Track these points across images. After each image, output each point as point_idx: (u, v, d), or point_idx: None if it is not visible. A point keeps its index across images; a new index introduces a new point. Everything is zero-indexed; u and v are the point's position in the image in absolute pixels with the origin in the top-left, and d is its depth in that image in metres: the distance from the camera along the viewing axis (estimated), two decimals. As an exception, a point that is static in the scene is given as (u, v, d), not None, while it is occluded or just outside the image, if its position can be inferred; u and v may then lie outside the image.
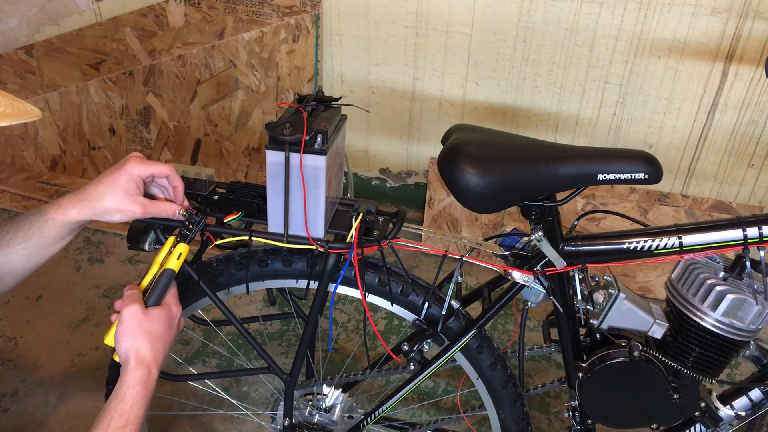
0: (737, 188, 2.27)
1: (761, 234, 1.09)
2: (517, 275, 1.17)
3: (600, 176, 1.07)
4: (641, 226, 1.18)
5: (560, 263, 1.15)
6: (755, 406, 1.26)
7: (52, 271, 2.27)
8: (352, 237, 1.11)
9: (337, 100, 1.14)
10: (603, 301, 1.19)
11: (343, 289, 1.22)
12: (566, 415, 1.36)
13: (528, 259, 1.20)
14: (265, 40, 2.36)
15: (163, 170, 1.05)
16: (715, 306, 1.14)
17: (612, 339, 1.25)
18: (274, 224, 1.10)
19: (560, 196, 1.14)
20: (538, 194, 1.12)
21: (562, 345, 1.27)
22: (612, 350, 1.24)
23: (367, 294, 1.21)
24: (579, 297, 1.20)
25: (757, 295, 1.12)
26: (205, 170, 1.14)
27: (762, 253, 1.09)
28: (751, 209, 2.24)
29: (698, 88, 2.11)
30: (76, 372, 1.90)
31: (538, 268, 1.17)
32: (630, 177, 1.07)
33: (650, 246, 1.13)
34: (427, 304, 1.21)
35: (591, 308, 1.21)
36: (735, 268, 1.15)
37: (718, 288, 1.13)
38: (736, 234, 1.10)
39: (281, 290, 1.34)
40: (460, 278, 1.25)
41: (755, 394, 1.25)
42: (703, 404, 1.25)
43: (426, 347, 1.22)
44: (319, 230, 1.09)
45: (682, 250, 1.12)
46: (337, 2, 2.29)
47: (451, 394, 1.90)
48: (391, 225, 1.16)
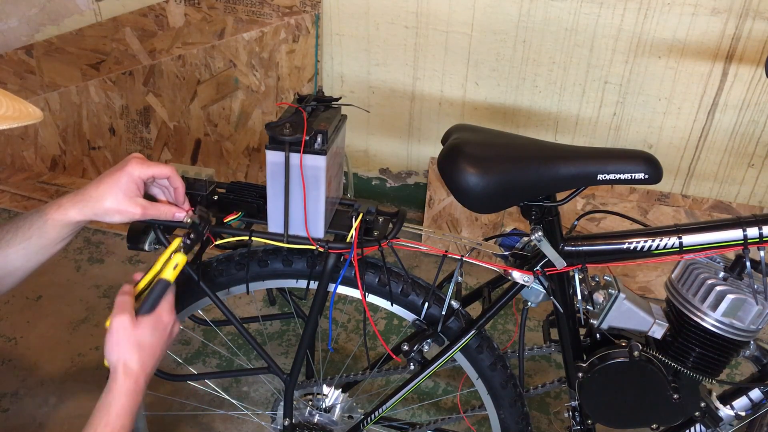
0: (737, 188, 2.27)
1: (761, 234, 1.09)
2: (517, 275, 1.17)
3: (600, 176, 1.07)
4: (641, 226, 1.18)
5: (560, 263, 1.15)
6: (755, 406, 1.26)
7: (52, 271, 2.27)
8: (352, 237, 1.11)
9: (337, 100, 1.14)
10: (603, 301, 1.19)
11: (343, 289, 1.22)
12: (566, 415, 1.36)
13: (528, 259, 1.20)
14: (265, 40, 2.36)
15: (164, 171, 1.05)
16: (715, 306, 1.14)
17: (612, 339, 1.25)
18: (274, 224, 1.10)
19: (560, 196, 1.14)
20: (538, 194, 1.12)
21: (562, 345, 1.27)
22: (612, 350, 1.23)
23: (367, 294, 1.21)
24: (579, 297, 1.20)
25: (757, 295, 1.12)
26: (205, 170, 1.14)
27: (762, 253, 1.09)
28: (751, 209, 2.24)
29: (698, 88, 2.11)
30: (76, 372, 1.90)
31: (538, 268, 1.17)
32: (630, 177, 1.07)
33: (650, 246, 1.13)
34: (427, 304, 1.21)
35: (591, 308, 1.21)
36: (735, 268, 1.15)
37: (718, 288, 1.13)
38: (736, 234, 1.10)
39: (281, 290, 1.34)
40: (460, 278, 1.25)
41: (755, 394, 1.25)
42: (703, 404, 1.25)
43: (426, 347, 1.22)
44: (319, 230, 1.09)
45: (682, 250, 1.12)
46: (337, 2, 2.29)
47: (451, 394, 1.90)
48: (391, 225, 1.16)
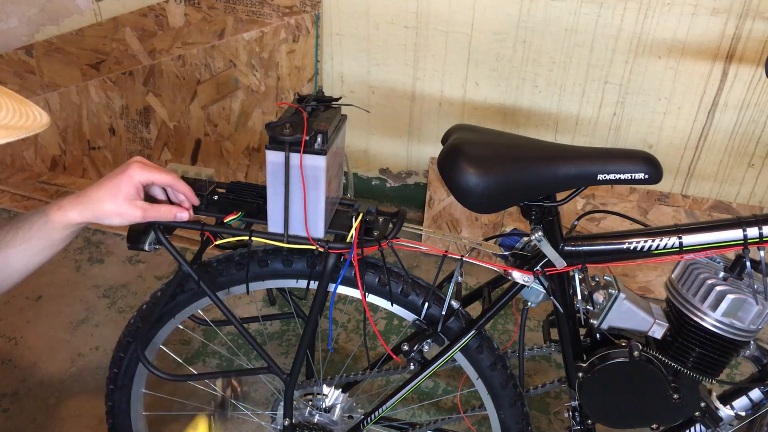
0: (737, 188, 2.27)
1: (761, 234, 1.09)
2: (517, 275, 1.17)
3: (600, 176, 1.07)
4: (641, 226, 1.18)
5: (560, 263, 1.15)
6: (755, 406, 1.26)
7: (52, 271, 2.27)
8: (352, 237, 1.11)
9: (337, 100, 1.14)
10: (603, 301, 1.19)
11: (343, 289, 1.22)
12: (566, 415, 1.36)
13: (528, 259, 1.20)
14: (265, 40, 2.36)
15: (164, 180, 1.05)
16: (715, 306, 1.14)
17: (612, 339, 1.25)
18: (274, 224, 1.10)
19: (560, 196, 1.14)
20: (538, 194, 1.12)
21: (562, 345, 1.27)
22: (612, 350, 1.23)
23: (367, 294, 1.21)
24: (579, 297, 1.20)
25: (757, 295, 1.12)
26: (205, 170, 1.14)
27: (762, 253, 1.09)
28: (751, 209, 2.24)
29: (698, 88, 2.11)
30: (76, 372, 1.90)
31: (538, 268, 1.17)
32: (630, 177, 1.07)
33: (650, 246, 1.13)
34: (427, 304, 1.21)
35: (591, 308, 1.21)
36: (735, 268, 1.15)
37: (718, 288, 1.13)
38: (736, 234, 1.10)
39: (281, 290, 1.34)
40: (460, 278, 1.25)
41: (755, 394, 1.25)
42: (703, 404, 1.25)
43: (426, 347, 1.22)
44: (319, 230, 1.09)
45: (682, 250, 1.12)
46: (337, 2, 2.28)
47: (451, 394, 1.89)
48: (391, 225, 1.16)
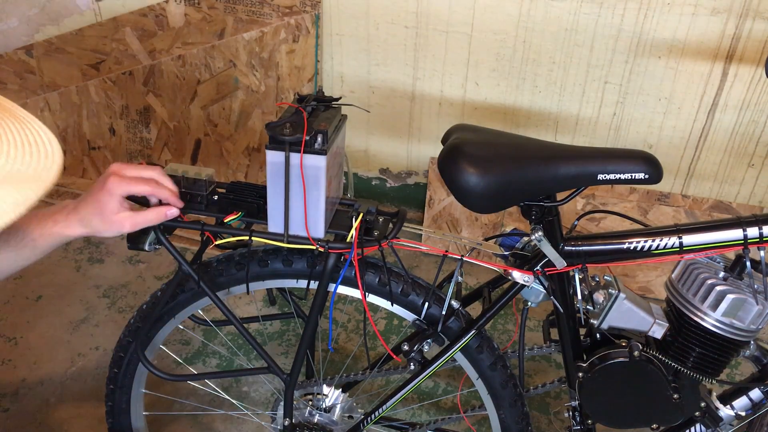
0: (737, 188, 2.27)
1: (761, 234, 1.09)
2: (517, 275, 1.17)
3: (600, 176, 1.07)
4: (641, 226, 1.18)
5: (560, 263, 1.15)
6: (755, 406, 1.26)
7: (52, 271, 2.27)
8: (352, 237, 1.11)
9: (337, 100, 1.14)
10: (603, 301, 1.19)
11: (343, 289, 1.22)
12: (566, 415, 1.36)
13: (528, 259, 1.20)
14: (265, 40, 2.36)
15: (142, 189, 1.03)
16: (715, 306, 1.14)
17: (612, 339, 1.25)
18: (274, 224, 1.10)
19: (560, 196, 1.14)
20: (538, 194, 1.12)
21: (562, 345, 1.27)
22: (612, 350, 1.23)
23: (367, 294, 1.21)
24: (579, 297, 1.20)
25: (757, 295, 1.12)
26: (205, 170, 1.14)
27: (762, 253, 1.09)
28: (751, 209, 2.24)
29: (698, 88, 2.11)
30: (76, 372, 1.90)
31: (538, 268, 1.17)
32: (630, 177, 1.07)
33: (650, 246, 1.13)
34: (427, 304, 1.21)
35: (591, 308, 1.21)
36: (735, 268, 1.15)
37: (718, 288, 1.13)
38: (736, 234, 1.10)
39: (281, 290, 1.34)
40: (460, 278, 1.25)
41: (755, 394, 1.25)
42: (703, 404, 1.25)
43: (426, 347, 1.22)
44: (319, 230, 1.09)
45: (682, 250, 1.12)
46: (337, 2, 2.28)
47: (451, 394, 1.89)
48: (391, 225, 1.16)
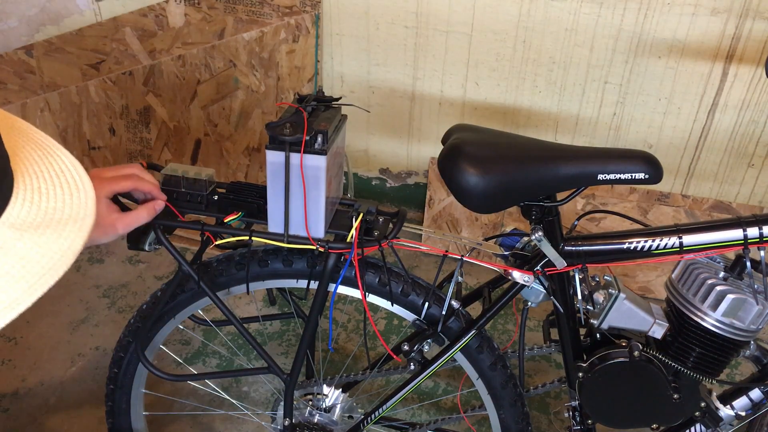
0: (737, 188, 2.27)
1: (761, 234, 1.09)
2: (518, 275, 1.17)
3: (600, 176, 1.07)
4: (641, 226, 1.18)
5: (560, 263, 1.15)
6: (755, 406, 1.26)
7: (52, 271, 2.27)
8: (352, 237, 1.11)
9: (338, 100, 1.14)
10: (603, 301, 1.19)
11: (343, 289, 1.22)
12: (566, 415, 1.36)
13: (528, 259, 1.20)
14: (265, 40, 2.36)
15: (125, 185, 1.03)
16: (715, 306, 1.14)
17: (612, 339, 1.25)
18: (274, 224, 1.10)
19: (560, 196, 1.14)
20: (538, 194, 1.12)
21: (562, 345, 1.27)
22: (612, 350, 1.24)
23: (367, 294, 1.21)
24: (579, 297, 1.20)
25: (757, 295, 1.12)
26: (205, 170, 1.14)
27: (762, 253, 1.09)
28: (751, 209, 2.24)
29: (698, 88, 2.11)
30: (76, 372, 1.90)
31: (538, 268, 1.17)
32: (630, 177, 1.07)
33: (650, 246, 1.13)
34: (427, 304, 1.21)
35: (591, 308, 1.21)
36: (735, 268, 1.15)
37: (719, 288, 1.13)
38: (736, 234, 1.10)
39: (281, 290, 1.34)
40: (460, 278, 1.25)
41: (755, 394, 1.25)
42: (703, 404, 1.25)
43: (426, 347, 1.22)
44: (319, 230, 1.09)
45: (682, 250, 1.12)
46: (337, 2, 2.28)
47: (451, 394, 1.89)
48: (391, 225, 1.16)
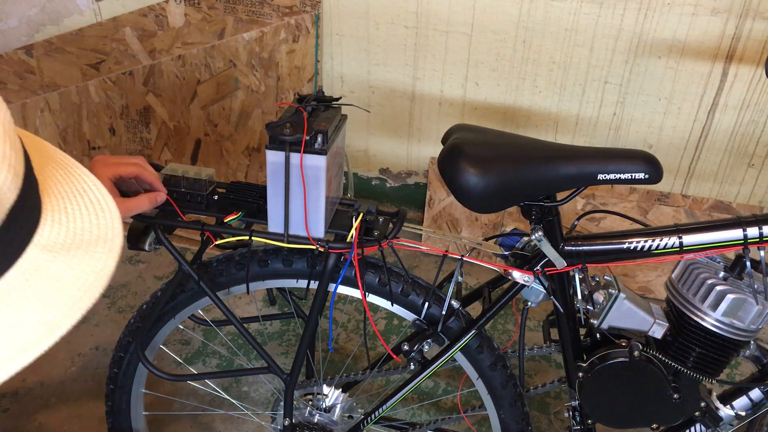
0: (737, 188, 2.27)
1: (761, 234, 1.09)
2: (518, 275, 1.17)
3: (600, 176, 1.07)
4: (641, 226, 1.18)
5: (560, 263, 1.15)
6: (755, 406, 1.26)
7: (52, 271, 2.27)
8: (352, 237, 1.11)
9: (338, 100, 1.14)
10: (603, 301, 1.19)
11: (343, 289, 1.22)
12: (566, 415, 1.36)
13: (528, 259, 1.20)
14: (265, 40, 2.36)
15: (129, 170, 1.04)
16: (715, 306, 1.14)
17: (612, 339, 1.25)
18: (274, 224, 1.10)
19: (560, 196, 1.14)
20: (538, 194, 1.12)
21: (562, 345, 1.27)
22: (612, 350, 1.23)
23: (367, 294, 1.21)
24: (579, 297, 1.20)
25: (757, 295, 1.12)
26: (205, 170, 1.14)
27: (762, 253, 1.09)
28: (751, 209, 2.24)
29: (698, 88, 2.11)
30: (76, 372, 1.90)
31: (538, 268, 1.17)
32: (630, 177, 1.07)
33: (650, 246, 1.13)
34: (427, 304, 1.21)
35: (591, 308, 1.21)
36: (735, 268, 1.15)
37: (719, 288, 1.13)
38: (736, 234, 1.10)
39: (281, 290, 1.34)
40: (460, 278, 1.25)
41: (755, 394, 1.25)
42: (703, 404, 1.25)
43: (426, 347, 1.22)
44: (319, 230, 1.09)
45: (682, 250, 1.12)
46: (337, 2, 2.28)
47: (451, 394, 1.89)
48: (391, 225, 1.16)
